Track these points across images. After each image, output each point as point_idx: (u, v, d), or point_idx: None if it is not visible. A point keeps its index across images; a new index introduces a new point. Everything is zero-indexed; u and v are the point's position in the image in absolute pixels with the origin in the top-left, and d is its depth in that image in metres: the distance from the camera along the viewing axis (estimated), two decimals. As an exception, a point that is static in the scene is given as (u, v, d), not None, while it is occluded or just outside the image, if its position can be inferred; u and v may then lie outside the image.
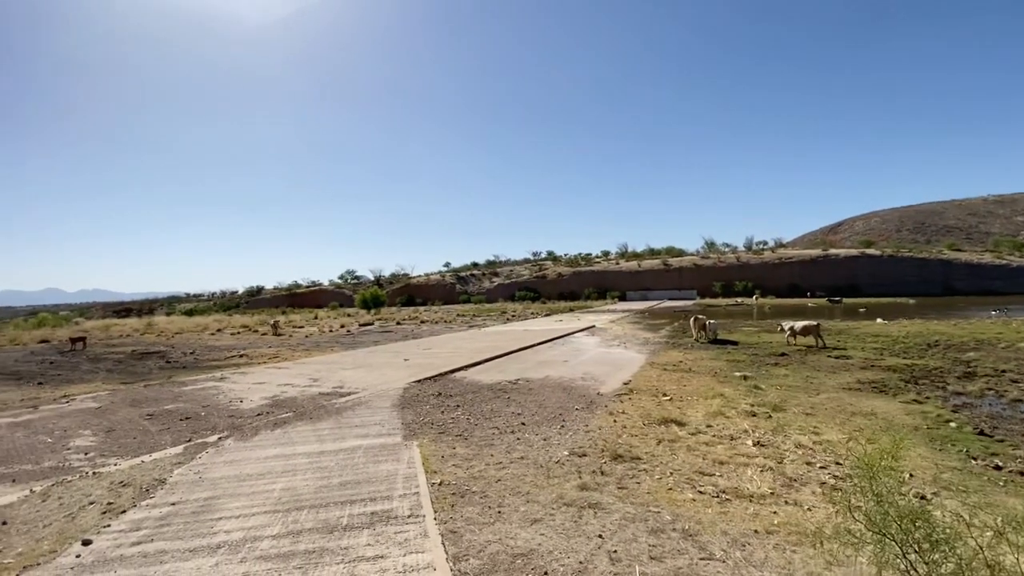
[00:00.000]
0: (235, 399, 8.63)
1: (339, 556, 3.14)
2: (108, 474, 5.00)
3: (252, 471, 4.93)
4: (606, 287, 64.73)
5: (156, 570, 3.04)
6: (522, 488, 4.34)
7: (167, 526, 3.69)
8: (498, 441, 5.80)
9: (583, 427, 6.32)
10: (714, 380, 9.37)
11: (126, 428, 6.93)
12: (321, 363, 13.11)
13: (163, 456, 5.56)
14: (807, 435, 5.88)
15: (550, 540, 3.37)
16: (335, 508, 3.92)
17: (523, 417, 6.86)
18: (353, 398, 8.41)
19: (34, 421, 7.47)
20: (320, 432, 6.34)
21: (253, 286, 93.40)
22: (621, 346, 15.26)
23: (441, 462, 5.08)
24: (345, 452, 5.46)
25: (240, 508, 3.99)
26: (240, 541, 3.39)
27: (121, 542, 3.45)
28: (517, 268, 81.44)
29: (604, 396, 8.14)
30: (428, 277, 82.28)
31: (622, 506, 3.96)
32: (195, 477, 4.81)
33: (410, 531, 3.47)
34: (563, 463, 5.00)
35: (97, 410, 8.15)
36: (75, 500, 4.34)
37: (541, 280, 70.69)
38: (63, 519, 3.94)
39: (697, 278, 63.05)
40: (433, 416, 7.05)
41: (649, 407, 7.27)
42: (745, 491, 4.26)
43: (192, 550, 3.29)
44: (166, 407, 8.18)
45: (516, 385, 9.23)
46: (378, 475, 4.69)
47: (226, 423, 7.00)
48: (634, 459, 5.11)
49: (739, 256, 65.32)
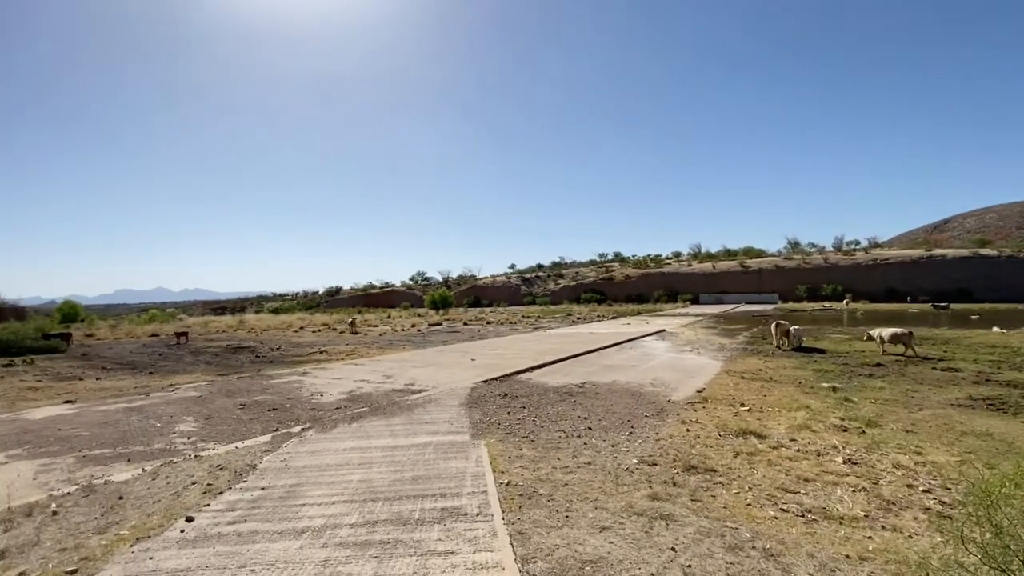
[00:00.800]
0: (316, 393, 9.20)
1: (412, 549, 3.26)
2: (207, 457, 5.51)
3: (331, 462, 5.22)
4: (677, 290, 62.36)
5: (249, 549, 3.31)
6: (590, 494, 4.27)
7: (258, 509, 4.00)
8: (565, 445, 5.75)
9: (653, 435, 6.12)
10: (798, 391, 8.74)
11: (222, 416, 7.59)
12: (394, 361, 13.67)
13: (254, 443, 6.03)
14: (907, 454, 5.32)
15: (620, 549, 3.29)
16: (408, 502, 4.07)
17: (590, 422, 6.76)
18: (424, 395, 8.69)
19: (146, 407, 8.38)
20: (393, 427, 6.61)
21: (332, 286, 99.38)
22: (694, 352, 14.64)
23: (508, 462, 5.11)
24: (416, 448, 5.64)
25: (321, 496, 4.24)
26: (322, 527, 3.60)
27: (219, 520, 3.79)
28: (583, 270, 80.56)
29: (675, 404, 7.84)
30: (494, 279, 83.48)
31: (696, 519, 3.78)
32: (281, 464, 5.17)
33: (479, 529, 3.52)
34: (632, 471, 4.86)
35: (198, 399, 9.00)
36: (180, 480, 4.82)
37: (607, 282, 69.42)
38: (170, 496, 4.38)
39: (779, 280, 59.15)
40: (500, 416, 7.12)
41: (725, 417, 6.91)
42: (835, 512, 3.92)
43: (280, 532, 3.55)
44: (256, 398, 8.87)
45: (582, 389, 9.12)
46: (447, 472, 4.81)
47: (308, 415, 7.47)
48: (709, 471, 4.87)
49: (827, 257, 60.56)
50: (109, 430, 6.83)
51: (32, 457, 5.68)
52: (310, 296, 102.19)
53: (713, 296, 60.17)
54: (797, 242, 66.68)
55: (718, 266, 65.38)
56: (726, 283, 62.22)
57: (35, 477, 5.01)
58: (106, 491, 4.53)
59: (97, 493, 4.49)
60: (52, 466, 5.36)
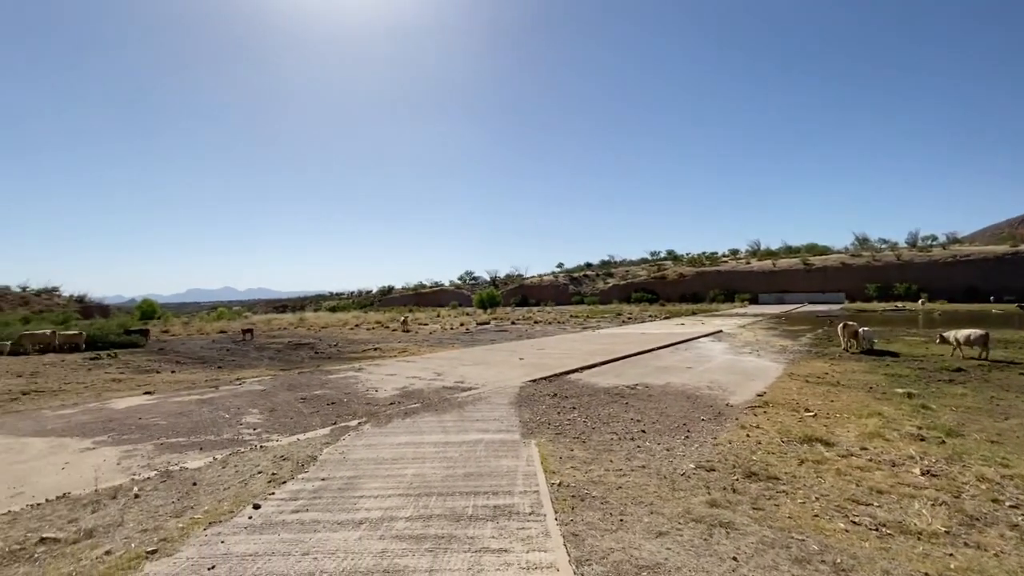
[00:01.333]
0: (371, 388, 9.49)
1: (466, 545, 3.28)
2: (272, 448, 5.78)
3: (387, 455, 5.36)
4: (734, 289, 59.93)
5: (311, 537, 3.44)
6: (645, 498, 4.15)
7: (319, 499, 4.16)
8: (617, 447, 5.63)
9: (710, 439, 5.88)
10: (869, 396, 8.16)
11: (285, 409, 7.96)
12: (444, 358, 13.90)
13: (314, 436, 6.28)
14: (992, 466, 4.85)
15: (677, 556, 3.17)
16: (460, 498, 4.10)
17: (643, 424, 6.59)
18: (473, 393, 8.77)
19: (216, 399, 8.91)
20: (445, 424, 6.70)
21: (385, 286, 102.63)
22: (753, 354, 13.99)
23: (559, 463, 5.06)
24: (468, 445, 5.69)
25: (378, 489, 4.35)
26: (379, 519, 3.69)
27: (283, 509, 3.96)
28: (633, 268, 78.97)
29: (734, 408, 7.51)
30: (541, 278, 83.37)
31: (758, 528, 3.59)
32: (340, 457, 5.35)
33: (532, 529, 3.50)
34: (689, 476, 4.69)
35: (262, 392, 9.48)
36: (247, 469, 5.08)
37: (660, 281, 67.67)
38: (238, 484, 4.63)
39: (845, 279, 55.66)
40: (550, 416, 7.07)
41: (788, 423, 6.55)
42: (911, 527, 3.62)
43: (339, 523, 3.67)
44: (315, 392, 9.25)
45: (635, 391, 8.91)
46: (499, 470, 4.81)
47: (364, 410, 7.71)
48: (771, 479, 4.62)
49: (899, 254, 56.41)
50: (183, 420, 7.31)
51: (116, 444, 6.16)
52: (364, 295, 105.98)
53: (773, 296, 57.40)
54: (866, 238, 62.51)
55: (779, 264, 62.28)
56: (787, 282, 59.18)
57: (119, 462, 5.43)
58: (181, 477, 4.85)
59: (174, 479, 4.81)
60: (133, 452, 5.80)
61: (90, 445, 6.11)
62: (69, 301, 51.24)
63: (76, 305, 49.84)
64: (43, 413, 8.03)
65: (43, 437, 6.50)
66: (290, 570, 2.97)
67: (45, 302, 48.46)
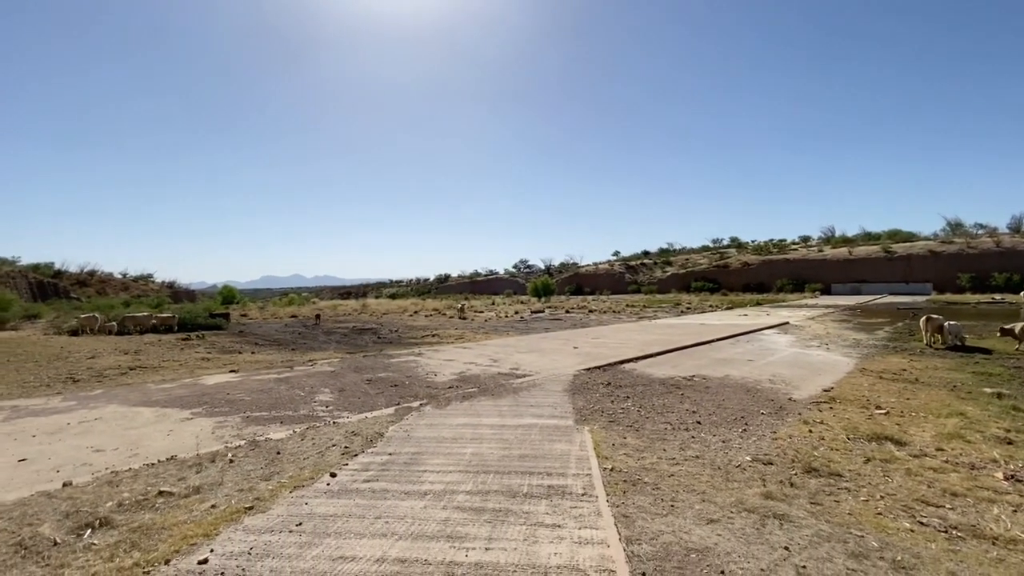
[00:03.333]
0: (430, 372, 9.94)
1: (521, 519, 3.50)
2: (343, 424, 6.28)
3: (447, 435, 5.69)
4: (804, 278, 56.52)
5: (381, 504, 3.78)
6: (697, 487, 4.20)
7: (387, 471, 4.53)
8: (671, 437, 5.66)
9: (769, 433, 5.78)
10: (952, 395, 7.63)
11: (352, 390, 8.54)
12: (499, 345, 14.23)
13: (380, 415, 6.73)
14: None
15: (727, 542, 3.23)
16: (516, 476, 4.33)
17: (698, 416, 6.55)
18: (528, 380, 9.00)
19: (291, 378, 9.67)
20: (501, 408, 6.97)
21: (441, 274, 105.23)
22: (822, 347, 13.32)
23: (612, 449, 5.18)
24: (523, 428, 5.92)
25: (439, 465, 4.67)
26: (441, 492, 4.00)
27: (356, 479, 4.36)
28: (693, 256, 76.24)
29: (797, 403, 7.27)
30: (596, 267, 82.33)
31: (815, 522, 3.56)
32: (404, 434, 5.74)
33: (584, 508, 3.67)
34: (744, 468, 4.67)
35: (331, 373, 10.17)
36: (323, 441, 5.57)
37: (722, 270, 64.94)
38: (315, 455, 5.10)
39: (933, 268, 51.05)
40: (603, 404, 7.17)
41: (856, 420, 6.28)
42: (987, 531, 3.46)
43: (406, 493, 4.00)
44: (380, 375, 9.82)
45: (691, 382, 8.80)
46: (552, 453, 5.00)
47: (425, 392, 8.13)
48: (833, 475, 4.52)
49: (999, 240, 50.93)
50: (264, 397, 8.03)
51: (209, 415, 6.89)
52: (421, 283, 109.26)
53: (848, 286, 53.65)
54: (959, 223, 56.89)
55: (855, 252, 58.06)
56: (865, 271, 55.07)
57: (213, 432, 6.10)
58: (267, 447, 5.40)
59: (260, 448, 5.36)
60: (224, 423, 6.48)
61: (188, 416, 6.88)
62: (161, 287, 56.54)
63: (167, 290, 54.91)
64: (148, 386, 9.06)
65: (150, 407, 7.37)
66: (365, 530, 3.32)
67: (142, 287, 53.74)
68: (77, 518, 3.52)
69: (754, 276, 61.07)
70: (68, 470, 4.76)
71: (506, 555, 2.98)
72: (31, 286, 41.34)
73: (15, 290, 34.95)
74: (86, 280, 50.07)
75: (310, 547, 3.10)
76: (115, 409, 7.28)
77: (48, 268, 47.98)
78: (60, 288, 44.78)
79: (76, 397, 8.13)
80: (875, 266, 54.94)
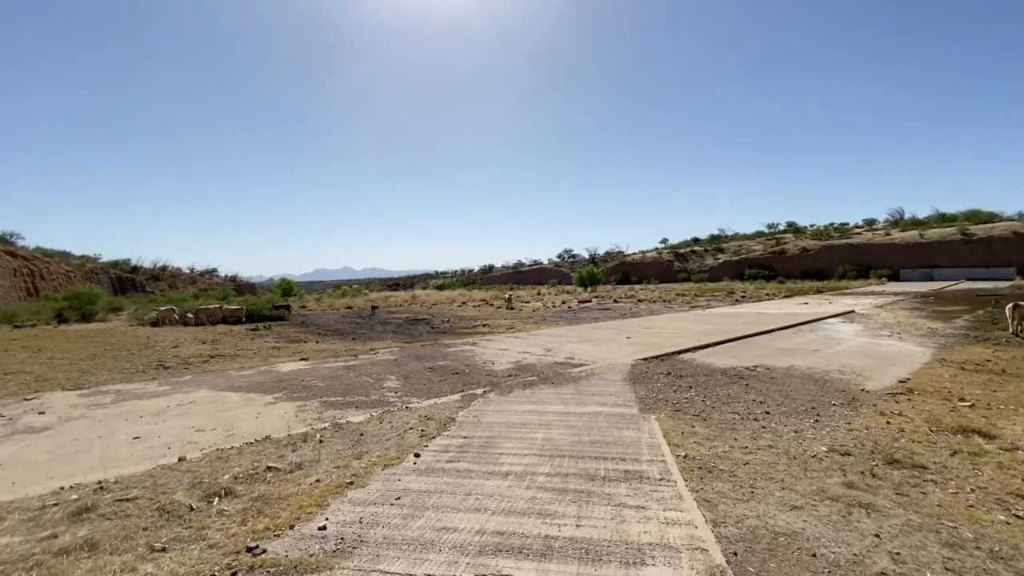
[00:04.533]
0: (487, 361, 10.21)
1: (604, 499, 3.64)
2: (415, 409, 6.60)
3: (515, 420, 5.89)
4: (869, 264, 53.31)
5: (467, 482, 4.02)
6: (774, 475, 4.20)
7: (465, 453, 4.78)
8: (740, 427, 5.63)
9: (844, 424, 5.65)
10: (1045, 388, 7.15)
11: (416, 377, 8.91)
12: (550, 335, 14.36)
13: (447, 401, 7.03)
14: None
15: (814, 528, 3.25)
16: (590, 461, 4.47)
17: (766, 406, 6.46)
18: (585, 369, 9.09)
19: (357, 366, 10.16)
20: (563, 396, 7.12)
21: (485, 264, 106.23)
22: (893, 337, 12.67)
23: (681, 438, 5.22)
24: (588, 415, 6.05)
25: (514, 448, 4.87)
26: (522, 473, 4.19)
27: (439, 459, 4.63)
28: (747, 243, 73.36)
29: (871, 394, 7.03)
30: (643, 255, 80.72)
31: (903, 512, 3.52)
32: (474, 420, 5.99)
33: (664, 492, 3.77)
34: (821, 458, 4.61)
35: (394, 362, 10.62)
36: (399, 425, 5.89)
37: (778, 256, 62.16)
38: (396, 437, 5.42)
39: (1017, 251, 46.93)
40: (665, 394, 7.18)
41: (938, 412, 6.03)
42: (1094, 528, 3.30)
43: (489, 473, 4.22)
44: (439, 363, 10.17)
45: (754, 372, 8.64)
46: (622, 440, 5.10)
47: (485, 380, 8.39)
48: (917, 467, 4.40)
49: (1096, 220, 46.22)
50: (336, 383, 8.52)
51: (290, 400, 7.40)
52: (466, 273, 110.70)
53: (919, 271, 50.24)
54: (1047, 201, 51.81)
55: (927, 234, 54.16)
56: (939, 255, 51.33)
57: (296, 415, 6.56)
58: (349, 429, 5.77)
59: (344, 430, 5.74)
60: (305, 407, 6.95)
61: (271, 400, 7.42)
62: (225, 280, 60.01)
63: (231, 284, 58.22)
64: (230, 373, 9.78)
65: (235, 392, 7.99)
66: (459, 505, 3.56)
67: (207, 281, 57.25)
68: (203, 488, 3.95)
69: (813, 262, 58.10)
70: (177, 447, 5.29)
71: (597, 532, 3.14)
72: (112, 281, 44.96)
73: (99, 285, 38.11)
74: (159, 275, 53.82)
75: (413, 519, 3.36)
76: (205, 393, 7.94)
77: (125, 264, 51.92)
78: (136, 283, 48.42)
79: (169, 382, 8.90)
80: (950, 249, 51.05)
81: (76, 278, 38.11)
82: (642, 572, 2.69)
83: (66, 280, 36.26)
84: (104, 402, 7.47)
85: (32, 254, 35.02)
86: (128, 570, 2.73)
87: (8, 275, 28.81)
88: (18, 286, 30.19)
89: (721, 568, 2.72)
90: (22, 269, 31.60)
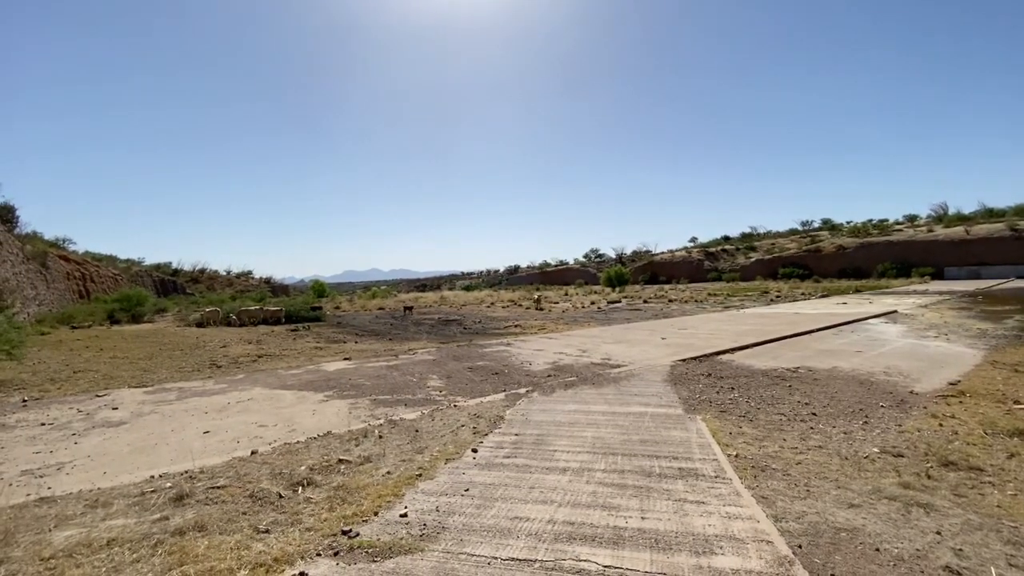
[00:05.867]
0: (524, 361, 10.40)
1: (664, 495, 3.79)
2: (463, 407, 6.84)
3: (562, 419, 6.07)
4: (910, 262, 51.46)
5: (529, 477, 4.23)
6: (828, 474, 4.28)
7: (520, 449, 4.99)
8: (788, 428, 5.69)
9: (894, 426, 5.64)
10: (1106, 391, 6.95)
11: (458, 376, 9.17)
12: (583, 336, 14.48)
13: (493, 400, 7.25)
14: None
15: (874, 525, 3.34)
16: (643, 459, 4.62)
17: (812, 408, 6.48)
18: (623, 370, 9.20)
19: (400, 365, 10.50)
20: (605, 396, 7.26)
21: (511, 265, 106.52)
22: (940, 338, 12.35)
23: (730, 438, 5.31)
24: (634, 415, 6.19)
25: (566, 446, 5.06)
26: (579, 469, 4.38)
27: (496, 455, 4.85)
28: (780, 241, 71.66)
29: (920, 396, 6.96)
30: (672, 254, 79.69)
31: (962, 512, 3.56)
32: (522, 418, 6.20)
33: (721, 489, 3.90)
34: (874, 459, 4.66)
35: (433, 361, 10.92)
36: (451, 422, 6.14)
37: (813, 254, 60.52)
38: (450, 434, 5.66)
39: (1070, 247, 44.64)
40: (708, 395, 7.25)
41: (992, 414, 5.95)
42: None
43: (547, 468, 4.42)
44: (478, 363, 10.42)
45: (796, 374, 8.61)
46: (671, 439, 5.23)
47: (526, 380, 8.59)
48: (973, 469, 4.40)
49: None
50: (382, 382, 8.85)
51: (341, 397, 7.74)
52: (492, 274, 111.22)
53: (965, 269, 48.27)
54: (1105, 195, 49.07)
55: (973, 231, 51.93)
56: (986, 252, 49.15)
57: (350, 412, 6.88)
58: (404, 425, 6.05)
59: (399, 426, 6.02)
60: (357, 405, 7.27)
61: (323, 398, 7.77)
62: (260, 282, 61.87)
63: (266, 285, 60.00)
64: (279, 372, 10.24)
65: (288, 390, 8.39)
66: (526, 497, 3.77)
67: (243, 283, 59.13)
68: (284, 478, 4.27)
69: (850, 261, 56.37)
70: (246, 441, 5.65)
71: (662, 524, 3.30)
72: (155, 283, 46.93)
73: (144, 287, 39.87)
74: (198, 277, 55.89)
75: (485, 508, 3.59)
76: (260, 391, 8.36)
77: (167, 267, 54.15)
78: (178, 285, 50.42)
79: (224, 381, 9.39)
80: (998, 246, 48.79)
81: (123, 281, 39.97)
82: (712, 560, 2.84)
83: (114, 283, 38.10)
84: (169, 399, 7.96)
85: (83, 258, 36.88)
86: (243, 548, 3.03)
87: (62, 278, 30.47)
88: (71, 289, 31.89)
89: (788, 559, 2.86)
90: (74, 273, 33.34)
